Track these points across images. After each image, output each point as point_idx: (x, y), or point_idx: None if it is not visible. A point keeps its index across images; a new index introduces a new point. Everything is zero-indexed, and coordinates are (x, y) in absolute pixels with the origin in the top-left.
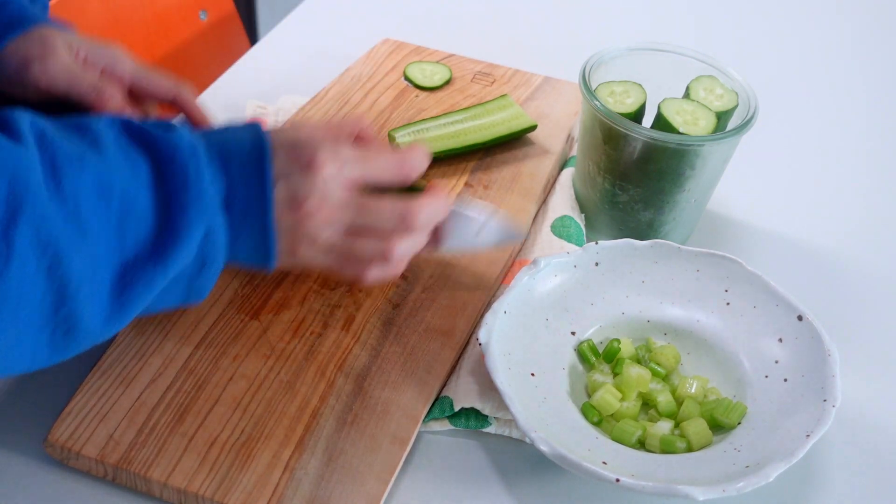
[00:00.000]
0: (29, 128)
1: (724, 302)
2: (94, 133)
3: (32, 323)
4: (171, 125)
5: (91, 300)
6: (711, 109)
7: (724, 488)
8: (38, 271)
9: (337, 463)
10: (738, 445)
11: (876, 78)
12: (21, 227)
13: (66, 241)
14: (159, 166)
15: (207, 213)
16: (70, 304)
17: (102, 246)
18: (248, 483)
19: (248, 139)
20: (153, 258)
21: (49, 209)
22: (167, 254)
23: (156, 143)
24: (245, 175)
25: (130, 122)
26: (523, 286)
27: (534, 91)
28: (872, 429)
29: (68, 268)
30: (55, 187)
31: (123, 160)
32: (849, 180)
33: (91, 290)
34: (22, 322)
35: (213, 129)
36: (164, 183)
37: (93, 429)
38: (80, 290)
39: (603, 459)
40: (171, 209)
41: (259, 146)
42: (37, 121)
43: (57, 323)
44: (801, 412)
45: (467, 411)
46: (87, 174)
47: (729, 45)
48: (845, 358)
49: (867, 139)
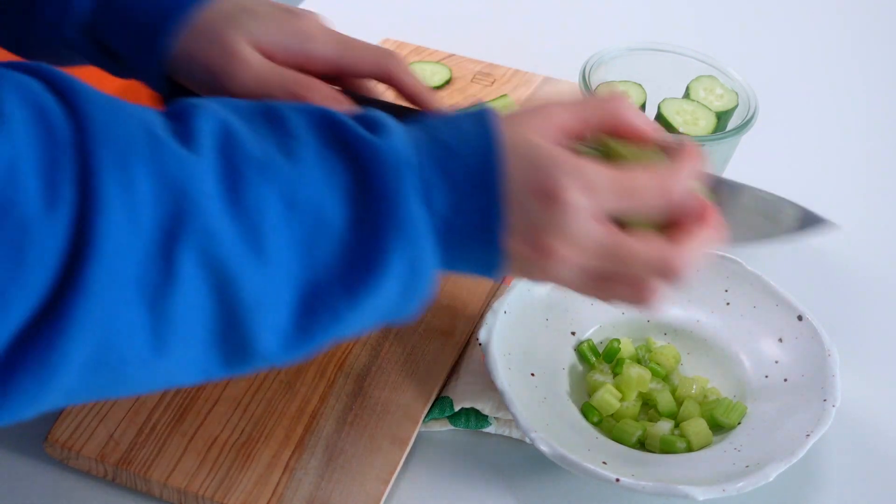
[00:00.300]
0: (210, 131)
1: (725, 302)
2: (288, 130)
3: (202, 343)
4: (382, 121)
5: (267, 326)
6: (711, 109)
7: (724, 488)
8: (205, 293)
9: (337, 463)
10: (738, 445)
11: (876, 78)
12: (185, 247)
13: (238, 261)
14: (361, 179)
15: (412, 243)
16: (242, 329)
17: (284, 268)
18: (248, 483)
19: (474, 143)
20: (343, 290)
21: (221, 226)
22: (359, 289)
23: (359, 148)
24: (467, 194)
25: (333, 117)
26: (523, 286)
27: (534, 91)
28: (872, 428)
29: (239, 291)
30: (233, 200)
31: (319, 168)
32: (849, 180)
33: (267, 315)
34: (191, 343)
35: (433, 121)
36: (365, 200)
37: (93, 429)
38: (253, 314)
39: (603, 459)
40: (369, 235)
41: (486, 157)
42: (222, 117)
43: (229, 345)
44: (801, 412)
45: (467, 411)
46: (275, 184)
47: (729, 45)
48: (845, 358)
49: (867, 139)
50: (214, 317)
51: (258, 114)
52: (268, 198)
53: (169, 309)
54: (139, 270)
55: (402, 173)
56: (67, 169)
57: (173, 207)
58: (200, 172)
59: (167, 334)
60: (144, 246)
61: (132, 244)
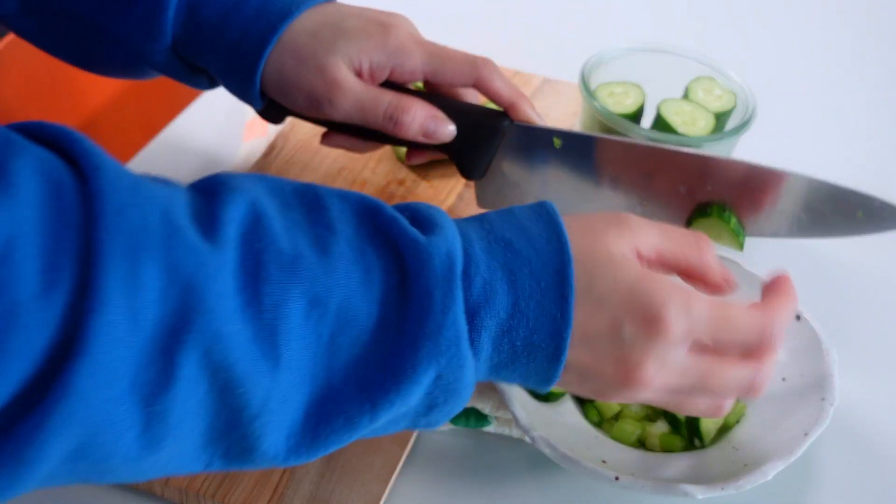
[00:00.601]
0: (237, 218)
1: None
2: (327, 221)
3: (200, 441)
4: (435, 217)
5: (272, 432)
6: (710, 110)
7: (723, 487)
8: (205, 394)
9: (337, 462)
10: (736, 444)
11: (875, 78)
12: (187, 347)
13: (246, 365)
14: (401, 281)
15: (444, 353)
16: (243, 431)
17: (299, 372)
18: (249, 482)
19: (545, 250)
20: (361, 396)
21: (231, 328)
22: (378, 397)
23: (403, 246)
24: (535, 300)
25: (379, 208)
26: None
27: (533, 92)
28: (871, 428)
29: (244, 395)
30: (249, 299)
31: (355, 264)
32: (848, 180)
33: (273, 419)
34: (186, 441)
35: (492, 218)
36: (400, 303)
37: None
38: (258, 419)
39: (602, 458)
40: (399, 340)
41: (561, 266)
42: (254, 200)
43: (229, 444)
44: (799, 411)
45: (467, 411)
46: (301, 283)
47: (728, 45)
48: (843, 357)
49: (866, 139)
50: (214, 417)
51: (297, 198)
52: (290, 297)
53: (164, 408)
54: (135, 369)
55: (449, 278)
56: (71, 254)
57: (180, 306)
58: (217, 269)
59: (160, 433)
60: (143, 344)
61: (129, 342)
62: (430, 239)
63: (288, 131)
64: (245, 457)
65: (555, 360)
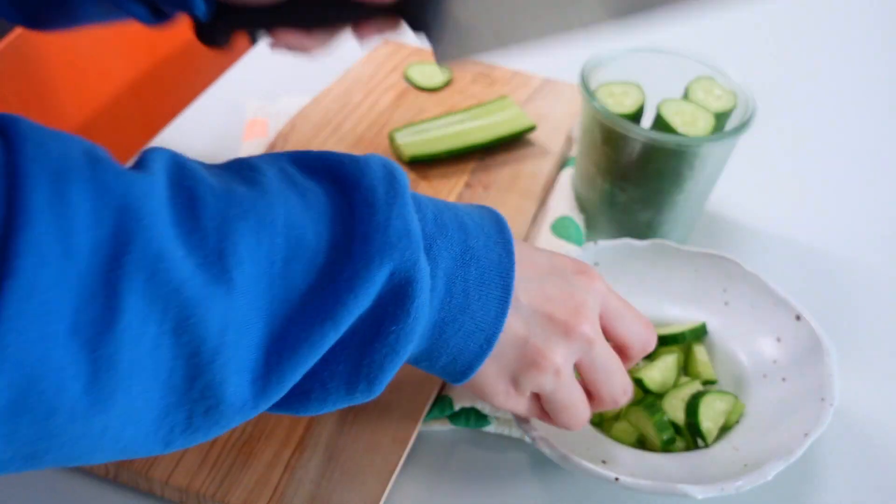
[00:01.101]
0: (163, 161)
1: (723, 302)
2: (250, 165)
3: (156, 394)
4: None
5: (234, 373)
6: (710, 110)
7: (723, 487)
8: (156, 330)
9: (337, 462)
10: (736, 444)
11: (875, 78)
12: (128, 272)
13: (196, 291)
14: (342, 190)
15: (396, 245)
16: (207, 376)
17: (252, 295)
18: (249, 482)
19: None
20: (321, 313)
21: (173, 252)
22: (336, 309)
23: (337, 166)
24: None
25: (307, 151)
26: None
27: (533, 92)
28: (871, 428)
29: (198, 325)
30: (191, 227)
31: (292, 190)
32: (848, 180)
33: (234, 359)
34: (140, 394)
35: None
36: (349, 211)
37: None
38: (219, 355)
39: (602, 458)
40: (350, 243)
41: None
42: (179, 156)
43: (190, 397)
44: (799, 411)
45: (467, 410)
46: (238, 206)
47: (728, 45)
48: (843, 357)
49: (866, 139)
50: (170, 361)
51: (224, 165)
52: (232, 217)
53: (111, 352)
54: (75, 304)
55: (390, 180)
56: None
57: (115, 230)
58: (148, 190)
59: (110, 384)
60: (79, 272)
61: (64, 269)
62: (362, 159)
63: (288, 131)
64: (210, 416)
65: (503, 301)
